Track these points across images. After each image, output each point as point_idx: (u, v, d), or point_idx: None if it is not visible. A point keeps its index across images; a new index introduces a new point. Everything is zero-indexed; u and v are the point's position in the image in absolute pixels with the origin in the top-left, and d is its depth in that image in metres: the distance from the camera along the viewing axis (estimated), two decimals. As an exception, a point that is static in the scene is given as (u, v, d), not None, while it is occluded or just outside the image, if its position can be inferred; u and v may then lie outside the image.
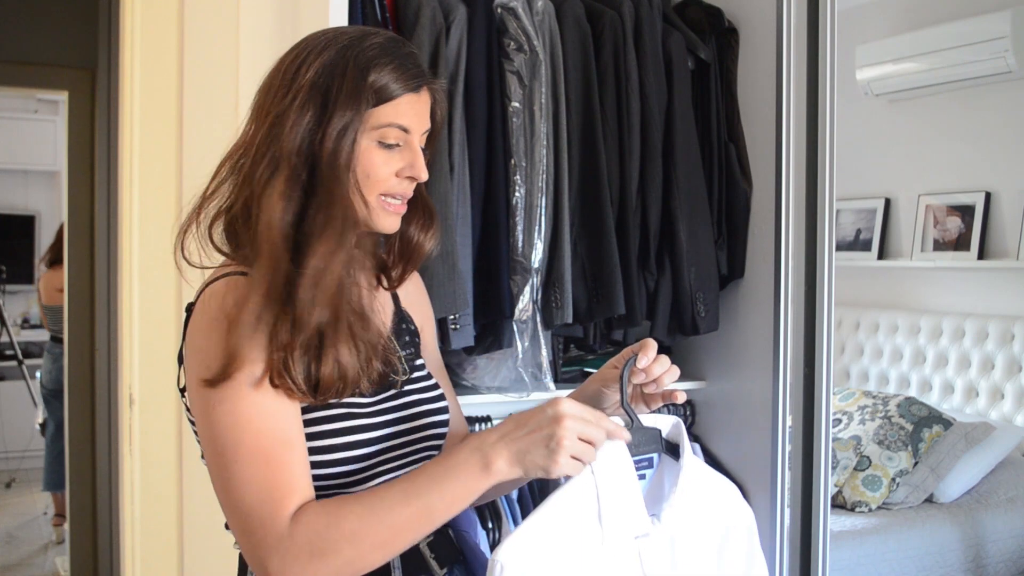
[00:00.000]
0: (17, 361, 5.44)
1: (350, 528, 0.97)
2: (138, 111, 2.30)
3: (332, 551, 0.96)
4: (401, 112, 1.09)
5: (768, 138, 2.09)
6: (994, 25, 3.47)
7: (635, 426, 1.08)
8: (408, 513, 0.98)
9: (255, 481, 0.99)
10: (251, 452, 0.99)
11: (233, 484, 1.00)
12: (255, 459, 0.99)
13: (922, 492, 3.14)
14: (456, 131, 1.86)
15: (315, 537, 0.97)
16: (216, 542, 1.14)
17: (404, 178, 1.11)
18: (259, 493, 0.99)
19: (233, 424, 1.00)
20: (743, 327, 2.17)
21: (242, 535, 1.00)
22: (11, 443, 5.89)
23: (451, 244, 1.81)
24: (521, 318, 1.95)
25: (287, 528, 0.97)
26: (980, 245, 3.67)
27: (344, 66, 1.06)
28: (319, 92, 1.05)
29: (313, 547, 0.96)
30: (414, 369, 1.20)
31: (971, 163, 3.76)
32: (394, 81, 1.07)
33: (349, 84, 1.05)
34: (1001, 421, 3.48)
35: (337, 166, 1.05)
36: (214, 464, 1.02)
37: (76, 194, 3.61)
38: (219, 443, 1.00)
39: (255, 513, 0.98)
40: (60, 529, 4.74)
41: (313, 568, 0.96)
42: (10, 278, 6.18)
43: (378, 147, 1.08)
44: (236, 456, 0.99)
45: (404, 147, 1.10)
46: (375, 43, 1.08)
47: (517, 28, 1.93)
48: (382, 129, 1.08)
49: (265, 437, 1.00)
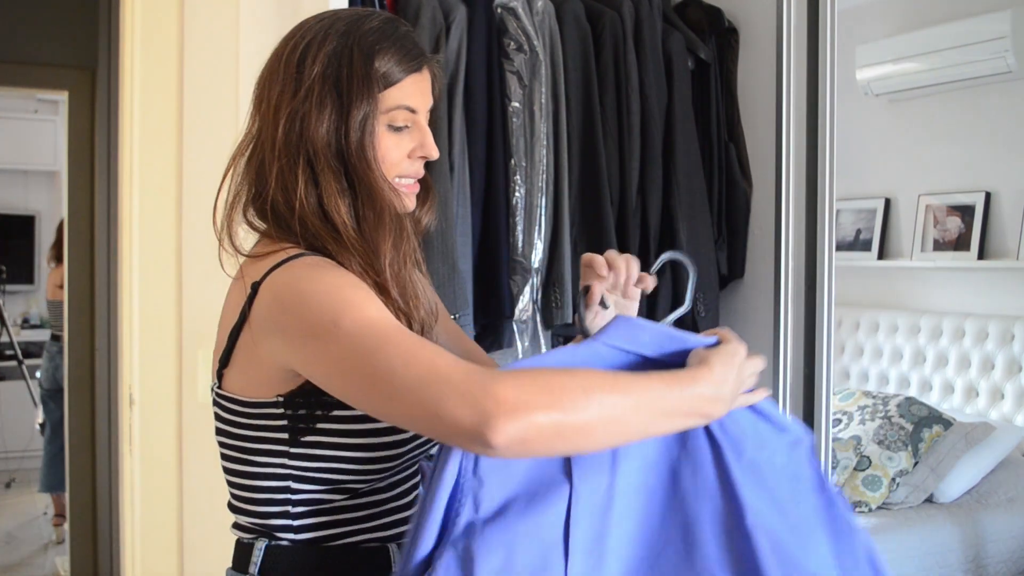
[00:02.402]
0: (17, 361, 5.44)
1: (585, 380, 0.87)
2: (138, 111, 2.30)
3: (565, 390, 0.85)
4: (408, 94, 1.10)
5: (768, 138, 2.09)
6: (994, 25, 3.47)
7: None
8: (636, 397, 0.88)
9: (419, 348, 0.90)
10: (399, 333, 0.93)
11: (398, 364, 0.88)
12: (405, 337, 0.92)
13: (922, 492, 3.14)
14: (456, 131, 1.86)
15: (541, 375, 0.86)
16: (216, 542, 1.14)
17: (416, 158, 1.13)
18: (434, 352, 0.89)
19: (365, 321, 0.93)
20: (743, 327, 2.17)
21: (438, 398, 0.85)
22: (11, 443, 5.88)
23: (451, 244, 1.81)
24: (521, 318, 1.95)
25: (493, 371, 0.86)
26: (980, 245, 3.67)
27: (350, 55, 1.06)
28: (332, 85, 1.06)
29: (542, 381, 0.85)
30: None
31: (971, 163, 3.76)
32: (398, 64, 1.08)
33: (358, 73, 1.06)
34: (1001, 421, 3.48)
35: (367, 157, 1.07)
36: (362, 370, 0.91)
37: (76, 194, 3.61)
38: (359, 344, 0.91)
39: (442, 368, 0.87)
40: (60, 529, 4.73)
41: (546, 398, 0.83)
42: (10, 278, 6.17)
43: (389, 131, 1.10)
44: (387, 340, 0.91)
45: (413, 127, 1.12)
46: (373, 27, 1.09)
47: (517, 28, 1.94)
48: (391, 112, 1.09)
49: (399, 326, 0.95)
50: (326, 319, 0.95)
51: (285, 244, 1.07)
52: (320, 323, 0.95)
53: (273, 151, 1.06)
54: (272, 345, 1.01)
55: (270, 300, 1.02)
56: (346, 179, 1.07)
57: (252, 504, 1.08)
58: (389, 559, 1.10)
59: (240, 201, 1.11)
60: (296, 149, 1.06)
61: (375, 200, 1.07)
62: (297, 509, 1.06)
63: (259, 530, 1.09)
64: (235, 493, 1.12)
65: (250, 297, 1.04)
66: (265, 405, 1.04)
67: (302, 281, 1.00)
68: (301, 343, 0.98)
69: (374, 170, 1.07)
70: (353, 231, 1.06)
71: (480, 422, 0.82)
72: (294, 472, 1.05)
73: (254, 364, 1.04)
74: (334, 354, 0.94)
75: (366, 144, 1.07)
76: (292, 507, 1.06)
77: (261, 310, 1.02)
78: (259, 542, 1.09)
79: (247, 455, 1.07)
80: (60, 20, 3.61)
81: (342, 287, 0.98)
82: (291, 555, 1.07)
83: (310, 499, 1.06)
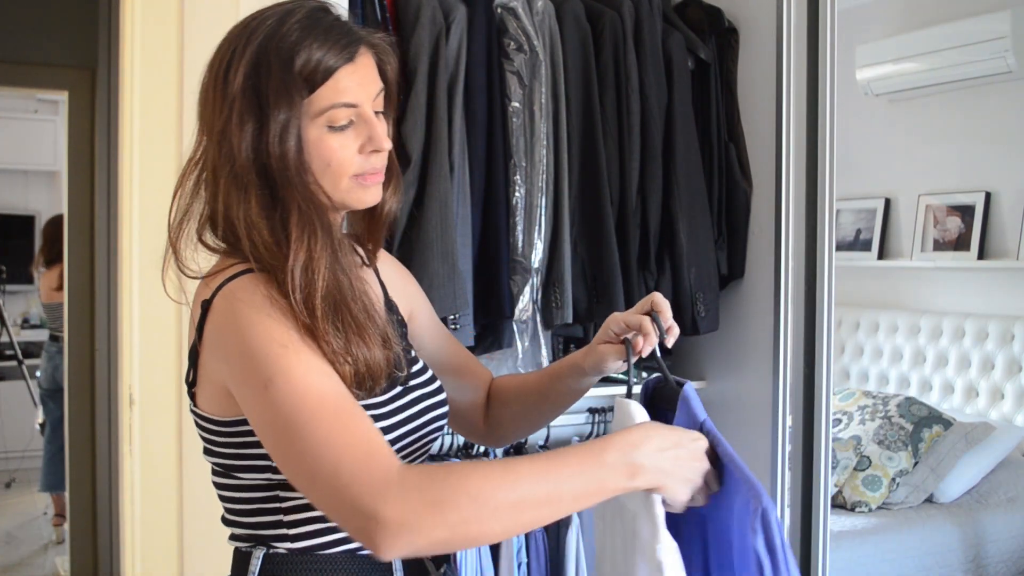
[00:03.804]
0: (17, 361, 5.44)
1: (473, 485, 0.88)
2: (138, 111, 2.30)
3: (451, 504, 0.87)
4: (341, 89, 1.03)
5: (768, 138, 2.09)
6: (994, 25, 3.47)
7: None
8: (537, 492, 0.90)
9: (335, 435, 0.91)
10: (321, 411, 0.92)
11: (310, 449, 0.91)
12: (327, 416, 0.92)
13: (922, 492, 3.14)
14: (456, 131, 1.86)
15: (431, 484, 0.87)
16: (216, 542, 1.14)
17: (369, 153, 1.06)
18: (345, 445, 0.90)
19: (292, 391, 0.93)
20: (743, 327, 2.17)
21: (334, 497, 0.89)
22: (11, 443, 5.88)
23: (451, 244, 1.81)
24: (521, 318, 1.95)
25: (395, 472, 0.88)
26: (980, 245, 3.67)
27: (268, 63, 1.01)
28: (251, 98, 1.01)
29: (430, 495, 0.87)
30: (412, 363, 1.19)
31: (971, 163, 3.76)
32: (322, 60, 1.01)
33: (276, 80, 1.00)
34: (1001, 421, 3.48)
35: (288, 168, 1.01)
36: (282, 443, 0.94)
37: (76, 194, 3.61)
38: (282, 416, 0.93)
39: (346, 466, 0.89)
40: (60, 529, 4.73)
41: (430, 518, 0.86)
42: (10, 278, 6.17)
43: (329, 132, 1.04)
44: (307, 420, 0.92)
45: (358, 122, 1.05)
46: (294, 25, 1.02)
47: (517, 28, 1.93)
48: (327, 113, 1.03)
49: (327, 395, 0.94)
50: (257, 378, 0.95)
51: (234, 260, 1.05)
52: (252, 378, 0.96)
53: (212, 171, 1.04)
54: (220, 371, 1.02)
55: (215, 329, 1.01)
56: (273, 196, 1.02)
57: (245, 516, 1.07)
58: (391, 567, 1.09)
59: (190, 222, 1.08)
60: (228, 168, 1.02)
61: (293, 212, 1.01)
62: (290, 517, 1.05)
63: (255, 539, 1.08)
64: (227, 507, 1.11)
65: (201, 317, 1.03)
66: (238, 423, 1.03)
67: (240, 320, 0.98)
68: (237, 385, 0.99)
69: (295, 184, 1.01)
70: (270, 250, 1.01)
71: (367, 538, 0.88)
72: (281, 481, 1.03)
73: (216, 383, 1.03)
74: (259, 413, 0.96)
75: (287, 157, 1.01)
76: (284, 515, 1.05)
77: (211, 334, 1.02)
78: (257, 551, 1.08)
79: (232, 471, 1.06)
80: (60, 20, 3.61)
81: (273, 341, 0.95)
82: (289, 563, 1.06)
83: (301, 505, 1.04)
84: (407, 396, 1.14)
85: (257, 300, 0.98)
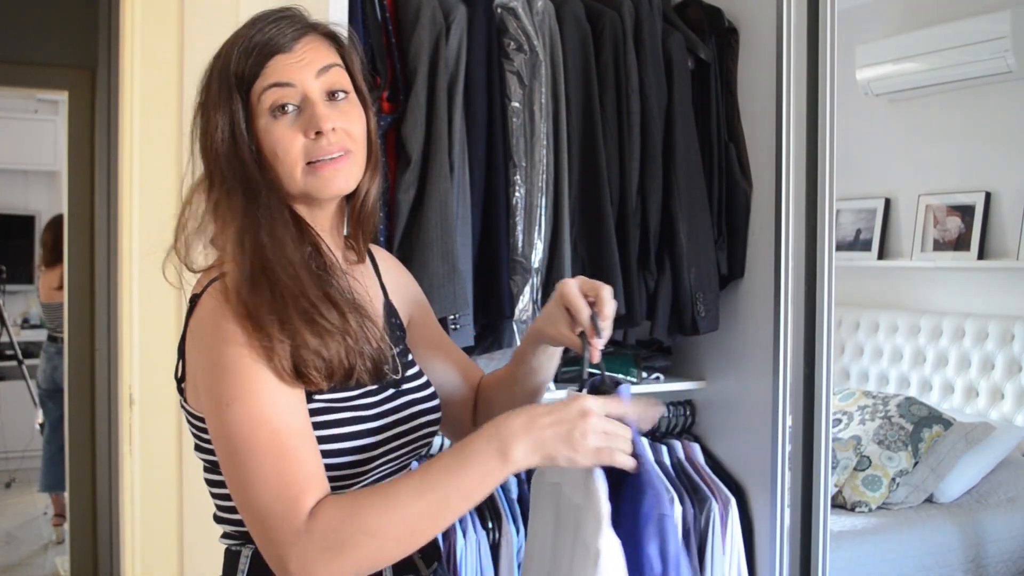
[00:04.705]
0: (17, 361, 5.44)
1: (368, 522, 0.95)
2: (138, 111, 2.30)
3: (351, 545, 0.94)
4: (270, 73, 1.05)
5: (768, 138, 2.09)
6: (994, 25, 3.47)
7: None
8: (424, 506, 0.95)
9: (271, 478, 0.96)
10: (269, 447, 0.97)
11: (249, 482, 0.97)
12: (271, 455, 0.97)
13: (922, 492, 3.14)
14: (456, 131, 1.86)
15: (332, 532, 0.94)
16: (216, 541, 1.14)
17: (315, 137, 1.06)
18: (275, 489, 0.96)
19: (248, 420, 0.97)
20: (743, 327, 2.17)
21: (260, 533, 0.97)
22: (11, 443, 5.88)
23: (451, 244, 1.81)
24: (521, 318, 1.95)
25: (304, 524, 0.95)
26: (980, 245, 3.67)
27: (210, 77, 1.07)
28: (202, 109, 1.08)
29: (331, 542, 0.94)
30: (407, 367, 1.20)
31: (971, 163, 3.76)
32: (255, 54, 1.04)
33: (215, 86, 1.06)
34: (1001, 421, 3.48)
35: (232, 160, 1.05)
36: (228, 463, 0.99)
37: (76, 194, 3.61)
38: (234, 441, 0.98)
39: (272, 510, 0.96)
40: (60, 529, 4.73)
41: (333, 564, 0.94)
42: (10, 278, 6.17)
43: (273, 120, 1.05)
44: (253, 453, 0.97)
45: (303, 107, 1.06)
46: (233, 39, 1.07)
47: (517, 28, 1.93)
48: (262, 99, 1.05)
49: (279, 432, 0.98)
50: (221, 393, 0.99)
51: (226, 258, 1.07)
52: (217, 391, 1.00)
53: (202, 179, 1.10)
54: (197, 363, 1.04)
55: (198, 325, 1.04)
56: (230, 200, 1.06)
57: (234, 512, 1.07)
58: None
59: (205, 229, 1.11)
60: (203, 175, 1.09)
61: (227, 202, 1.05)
62: None
63: (244, 537, 1.08)
64: (217, 504, 1.12)
65: (189, 311, 1.06)
66: None
67: (217, 332, 1.01)
68: (204, 389, 1.03)
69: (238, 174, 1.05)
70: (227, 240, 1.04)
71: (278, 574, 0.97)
72: None
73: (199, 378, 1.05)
74: (215, 427, 1.01)
75: (224, 150, 1.05)
76: None
77: (194, 329, 1.05)
78: (246, 549, 1.09)
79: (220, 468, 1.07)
80: (60, 20, 3.61)
81: (242, 362, 0.98)
82: None
83: None
84: (398, 399, 1.15)
85: (229, 316, 1.00)
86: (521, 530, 1.96)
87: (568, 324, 1.14)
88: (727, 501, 2.13)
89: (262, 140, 1.05)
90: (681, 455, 2.22)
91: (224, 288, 1.02)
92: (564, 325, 1.14)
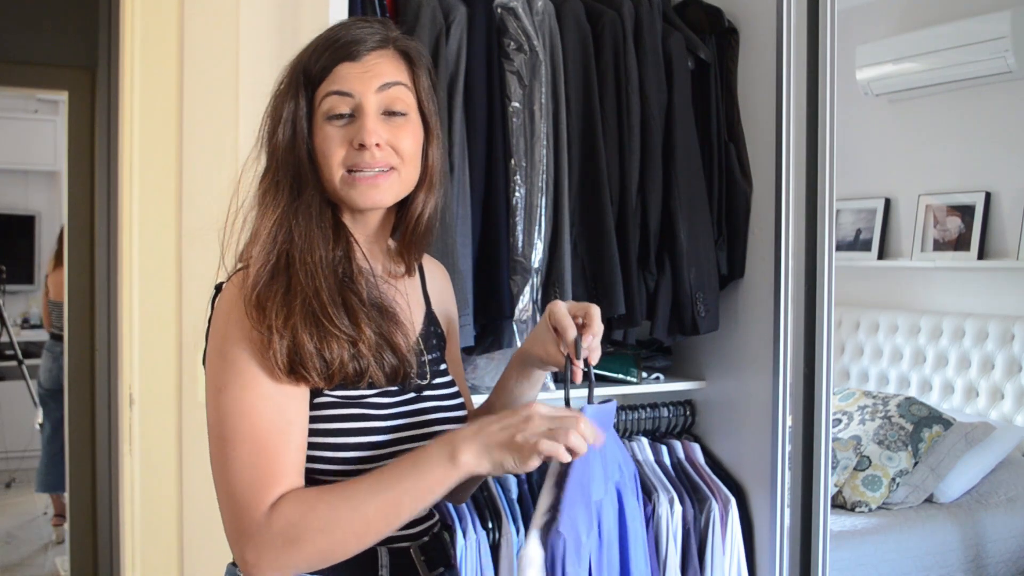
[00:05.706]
0: (17, 361, 5.43)
1: (323, 518, 0.99)
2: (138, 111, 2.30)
3: (305, 540, 0.99)
4: (336, 79, 1.09)
5: (768, 138, 2.09)
6: (994, 25, 3.47)
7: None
8: (377, 505, 0.99)
9: (245, 468, 1.01)
10: (250, 436, 1.02)
11: (225, 469, 1.02)
12: (250, 445, 1.01)
13: (922, 492, 3.14)
14: (456, 131, 1.86)
15: (289, 526, 0.99)
16: (216, 541, 1.14)
17: (358, 148, 1.08)
18: (248, 479, 1.01)
19: (236, 409, 1.02)
20: (743, 327, 2.17)
21: (227, 520, 1.03)
22: (11, 443, 5.88)
23: (451, 244, 1.81)
24: (521, 318, 1.95)
25: (265, 516, 1.00)
26: (980, 245, 3.68)
27: (290, 68, 1.13)
28: (276, 97, 1.13)
29: (287, 536, 0.99)
30: (437, 375, 1.20)
31: (971, 163, 3.76)
32: (325, 58, 1.10)
33: (285, 84, 1.12)
34: (1001, 421, 3.48)
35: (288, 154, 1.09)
36: (212, 447, 1.05)
37: (76, 194, 3.61)
38: (219, 426, 1.03)
39: (240, 500, 1.01)
40: (60, 529, 4.74)
41: (287, 556, 0.99)
42: (10, 278, 6.17)
43: (327, 123, 1.09)
44: (236, 440, 1.02)
45: (357, 117, 1.09)
46: (324, 33, 1.12)
47: (517, 28, 1.93)
48: (324, 103, 1.09)
49: (260, 425, 1.02)
50: (214, 380, 1.05)
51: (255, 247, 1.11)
52: (212, 378, 1.05)
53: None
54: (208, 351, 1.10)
55: (217, 312, 1.09)
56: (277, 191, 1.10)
57: None
58: (377, 562, 1.11)
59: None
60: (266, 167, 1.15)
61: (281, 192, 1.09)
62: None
63: None
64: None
65: (213, 297, 1.12)
66: None
67: (226, 320, 1.06)
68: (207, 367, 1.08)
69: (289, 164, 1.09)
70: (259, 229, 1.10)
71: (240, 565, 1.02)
72: None
73: None
74: (208, 409, 1.06)
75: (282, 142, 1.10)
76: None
77: (213, 316, 1.10)
78: None
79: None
80: (60, 20, 3.61)
81: (239, 353, 1.03)
82: None
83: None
84: (418, 403, 1.15)
85: (243, 313, 1.04)
86: (521, 530, 1.96)
87: (555, 343, 1.16)
88: (727, 501, 2.13)
89: (316, 140, 1.09)
90: (681, 455, 2.22)
91: (245, 277, 1.06)
92: (551, 344, 1.16)
